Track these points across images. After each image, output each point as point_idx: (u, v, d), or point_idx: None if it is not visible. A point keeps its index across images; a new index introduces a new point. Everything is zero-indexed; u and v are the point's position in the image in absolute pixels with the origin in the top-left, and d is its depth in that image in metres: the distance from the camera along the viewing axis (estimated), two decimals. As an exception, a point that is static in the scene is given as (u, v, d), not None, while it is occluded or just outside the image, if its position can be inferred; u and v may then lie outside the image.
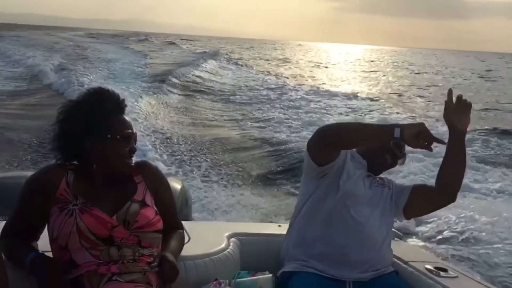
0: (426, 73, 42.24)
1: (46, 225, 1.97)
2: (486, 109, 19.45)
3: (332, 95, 20.18)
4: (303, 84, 23.67)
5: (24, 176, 2.10)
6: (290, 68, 36.78)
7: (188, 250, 2.22)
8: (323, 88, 22.73)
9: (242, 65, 32.75)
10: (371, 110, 17.00)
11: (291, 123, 13.29)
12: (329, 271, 2.24)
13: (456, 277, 2.32)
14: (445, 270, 2.35)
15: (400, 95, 23.36)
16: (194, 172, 8.21)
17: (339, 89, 22.82)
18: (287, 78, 26.96)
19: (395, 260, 2.47)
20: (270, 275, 2.28)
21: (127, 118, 2.05)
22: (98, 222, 1.90)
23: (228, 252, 2.39)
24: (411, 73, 41.66)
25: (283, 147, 10.35)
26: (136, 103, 13.27)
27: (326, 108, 16.66)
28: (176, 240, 2.14)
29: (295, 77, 28.38)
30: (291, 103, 17.11)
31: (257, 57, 49.05)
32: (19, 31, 63.03)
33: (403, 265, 2.44)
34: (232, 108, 16.03)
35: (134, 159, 2.07)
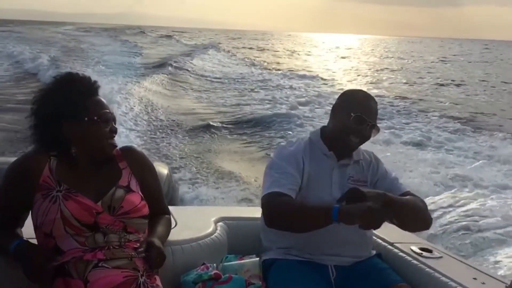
0: (392, 57, 46.69)
1: (30, 212, 1.95)
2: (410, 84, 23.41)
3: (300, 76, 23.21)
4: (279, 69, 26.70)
5: (7, 162, 2.06)
6: (268, 56, 39.90)
7: (175, 235, 2.21)
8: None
9: (231, 55, 35.17)
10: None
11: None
12: (310, 256, 2.23)
13: (441, 257, 2.34)
14: (429, 251, 2.37)
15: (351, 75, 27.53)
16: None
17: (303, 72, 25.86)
18: (265, 62, 31.25)
19: (380, 241, 2.47)
20: (257, 258, 2.29)
21: (102, 99, 2.02)
22: (83, 208, 1.87)
23: (215, 236, 2.39)
24: (378, 58, 46.15)
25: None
26: (126, 91, 13.88)
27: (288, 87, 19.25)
28: (163, 225, 2.13)
29: (272, 63, 31.65)
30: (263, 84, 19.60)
31: (244, 47, 52.09)
32: (12, 26, 62.89)
33: (388, 246, 2.45)
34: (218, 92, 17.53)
35: (118, 140, 2.04)
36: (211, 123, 11.91)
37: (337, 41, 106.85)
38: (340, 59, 43.47)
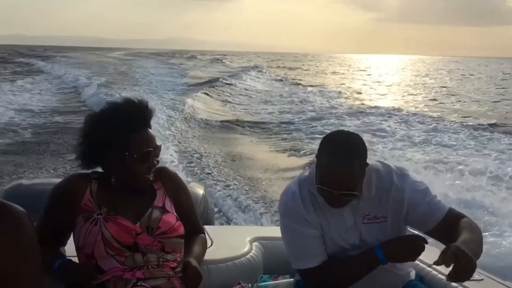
0: (434, 78, 46.50)
1: (72, 232, 2.03)
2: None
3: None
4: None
5: (51, 183, 2.16)
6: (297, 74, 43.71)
7: (211, 254, 2.25)
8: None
9: (269, 74, 37.78)
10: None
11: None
12: None
13: (482, 279, 2.25)
14: (479, 279, 2.26)
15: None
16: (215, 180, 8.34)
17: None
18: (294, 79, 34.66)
19: (418, 263, 2.42)
20: (292, 279, 2.28)
21: (150, 132, 2.02)
22: (123, 230, 1.94)
23: (250, 256, 2.40)
24: (421, 77, 47.90)
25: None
26: (169, 111, 14.95)
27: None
28: (199, 245, 2.16)
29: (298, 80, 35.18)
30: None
31: (278, 66, 55.29)
32: (69, 52, 66.54)
33: (427, 268, 2.38)
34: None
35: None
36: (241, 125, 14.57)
37: (376, 61, 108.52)
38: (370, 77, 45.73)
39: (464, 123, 15.20)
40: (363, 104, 20.80)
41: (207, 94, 21.69)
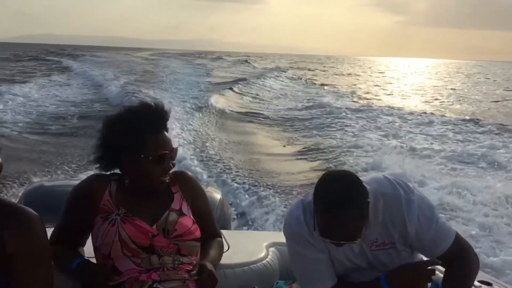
0: (447, 81, 48.04)
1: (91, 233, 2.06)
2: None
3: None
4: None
5: (71, 185, 2.19)
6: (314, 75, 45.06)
7: (227, 258, 2.25)
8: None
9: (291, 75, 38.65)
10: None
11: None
12: None
13: (491, 285, 2.22)
14: (489, 284, 2.25)
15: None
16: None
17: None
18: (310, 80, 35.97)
19: (437, 272, 2.38)
20: None
21: (166, 135, 2.04)
22: (140, 231, 1.96)
23: (267, 262, 2.40)
24: (434, 79, 49.81)
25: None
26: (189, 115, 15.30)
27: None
28: (215, 249, 2.17)
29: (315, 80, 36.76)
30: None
31: (298, 68, 55.80)
32: (98, 51, 68.27)
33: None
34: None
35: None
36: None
37: (398, 64, 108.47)
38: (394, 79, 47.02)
39: (451, 119, 17.67)
40: (371, 102, 22.71)
41: (232, 91, 23.28)
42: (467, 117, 18.18)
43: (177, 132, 11.53)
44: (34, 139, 12.12)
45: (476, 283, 2.24)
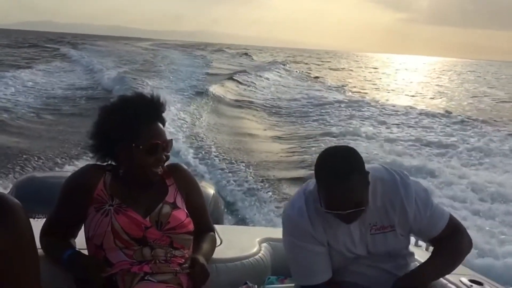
0: (435, 78, 49.28)
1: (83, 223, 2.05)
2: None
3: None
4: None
5: (64, 176, 2.18)
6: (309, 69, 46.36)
7: (220, 253, 2.25)
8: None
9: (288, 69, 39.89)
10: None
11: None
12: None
13: (482, 284, 2.23)
14: (480, 284, 2.25)
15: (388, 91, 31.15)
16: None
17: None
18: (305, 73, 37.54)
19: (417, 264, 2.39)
20: None
21: (160, 126, 2.04)
22: (133, 222, 1.95)
23: (259, 257, 2.40)
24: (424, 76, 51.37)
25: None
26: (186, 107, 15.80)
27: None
28: (208, 243, 2.17)
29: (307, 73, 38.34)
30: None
31: (297, 62, 57.40)
32: (98, 40, 68.11)
33: None
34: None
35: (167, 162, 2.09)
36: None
37: (395, 61, 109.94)
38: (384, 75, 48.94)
39: (426, 111, 19.26)
40: (358, 95, 24.30)
41: (231, 82, 24.11)
42: (440, 111, 19.54)
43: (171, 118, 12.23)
44: (50, 118, 13.58)
45: (467, 282, 2.25)
